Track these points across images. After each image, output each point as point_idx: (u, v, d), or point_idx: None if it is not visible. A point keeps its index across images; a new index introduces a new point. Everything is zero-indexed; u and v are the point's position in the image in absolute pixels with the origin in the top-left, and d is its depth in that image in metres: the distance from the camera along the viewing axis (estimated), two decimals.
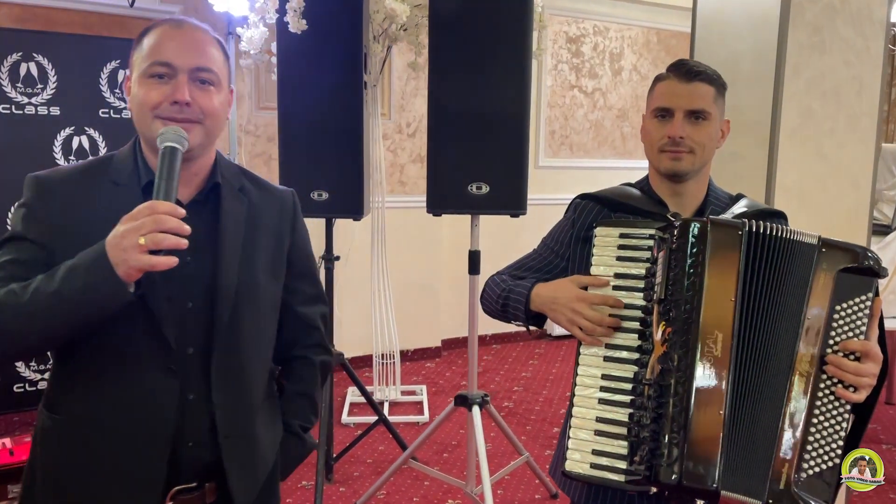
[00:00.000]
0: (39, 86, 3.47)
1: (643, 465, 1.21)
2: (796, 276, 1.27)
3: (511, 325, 1.60)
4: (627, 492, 1.30)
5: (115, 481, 1.21)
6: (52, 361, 1.29)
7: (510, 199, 2.63)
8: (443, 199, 2.66)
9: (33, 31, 3.47)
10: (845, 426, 1.25)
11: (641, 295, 1.31)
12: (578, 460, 1.28)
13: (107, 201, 1.16)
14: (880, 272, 1.27)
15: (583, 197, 1.55)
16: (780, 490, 1.21)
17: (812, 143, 2.37)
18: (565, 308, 1.36)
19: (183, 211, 1.10)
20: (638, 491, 1.25)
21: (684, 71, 1.43)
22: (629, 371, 1.29)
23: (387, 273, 4.02)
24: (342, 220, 3.30)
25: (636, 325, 1.30)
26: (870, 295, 1.26)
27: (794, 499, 1.20)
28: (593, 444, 1.28)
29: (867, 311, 1.26)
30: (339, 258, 3.28)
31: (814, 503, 1.21)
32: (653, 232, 1.32)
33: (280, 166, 2.95)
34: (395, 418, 3.89)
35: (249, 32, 2.93)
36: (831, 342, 1.26)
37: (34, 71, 3.45)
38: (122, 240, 1.07)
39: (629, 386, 1.29)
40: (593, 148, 5.57)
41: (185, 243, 1.09)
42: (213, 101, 1.24)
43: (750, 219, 1.30)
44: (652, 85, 1.50)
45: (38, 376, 3.44)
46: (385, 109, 4.62)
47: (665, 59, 5.59)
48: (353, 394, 4.15)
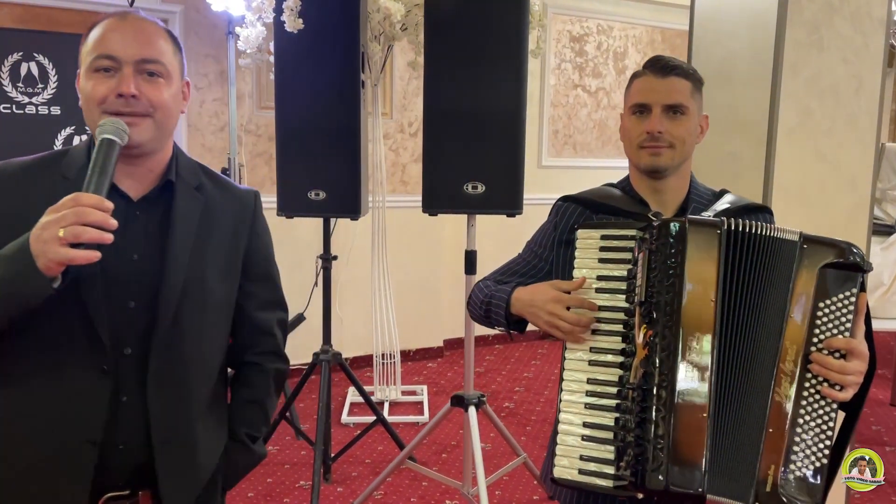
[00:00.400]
0: (40, 85, 3.48)
1: (629, 470, 1.20)
2: (778, 274, 1.25)
3: None
4: (617, 497, 1.28)
5: (41, 483, 1.18)
6: None
7: (506, 199, 2.62)
8: (438, 198, 2.65)
9: (34, 31, 3.49)
10: (832, 425, 1.23)
11: (624, 297, 1.29)
12: (567, 466, 1.26)
13: (54, 195, 1.12)
14: (864, 267, 1.24)
15: (564, 199, 1.54)
16: (767, 492, 1.19)
17: (810, 143, 2.34)
18: (542, 311, 1.34)
19: (110, 205, 1.07)
20: (626, 496, 1.23)
21: (660, 66, 1.42)
22: (614, 375, 1.28)
23: (387, 273, 4.02)
24: (344, 220, 3.29)
25: (620, 328, 1.29)
26: (854, 290, 1.24)
27: (781, 500, 1.18)
28: (581, 450, 1.26)
29: (852, 307, 1.24)
30: (336, 258, 3.27)
31: None
32: (634, 233, 1.30)
33: (277, 165, 2.95)
34: (395, 418, 3.89)
35: (246, 32, 2.93)
36: (815, 340, 1.24)
37: (35, 71, 3.46)
38: (42, 231, 1.04)
39: (615, 390, 1.27)
40: (597, 147, 5.54)
41: (110, 238, 1.06)
42: (161, 94, 1.20)
43: (733, 215, 1.29)
44: (629, 82, 1.49)
45: None
46: (387, 109, 4.62)
47: None
48: (354, 394, 4.15)
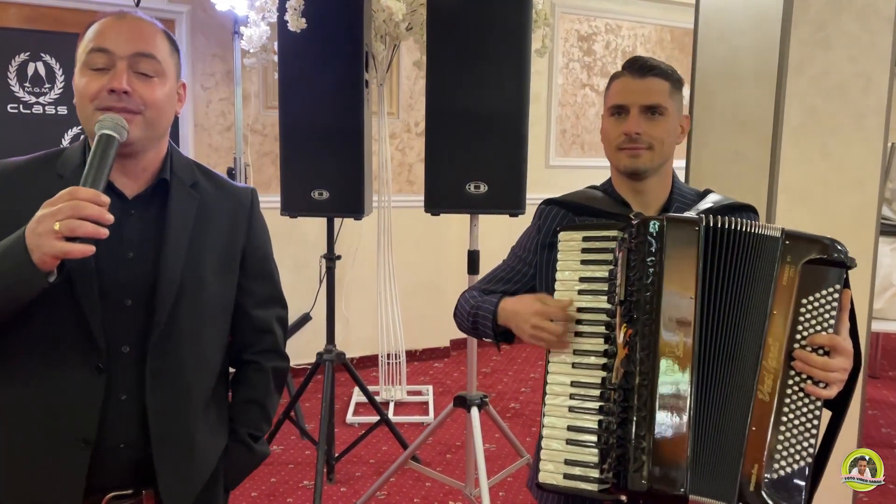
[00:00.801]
0: (47, 85, 3.50)
1: (612, 472, 1.18)
2: (760, 271, 1.24)
3: None
4: (602, 501, 1.26)
5: (35, 481, 1.18)
6: None
7: (509, 199, 2.60)
8: (441, 198, 2.63)
9: (40, 31, 3.51)
10: (817, 424, 1.21)
11: (606, 298, 1.28)
12: (552, 471, 1.24)
13: (49, 194, 1.12)
14: (848, 263, 1.23)
15: (547, 202, 1.53)
16: (751, 492, 1.17)
17: (816, 142, 2.31)
18: (525, 323, 1.34)
19: (107, 199, 1.06)
20: (610, 500, 1.21)
21: (637, 67, 1.41)
22: (597, 377, 1.26)
23: (393, 272, 4.01)
24: (351, 220, 3.29)
25: (602, 329, 1.28)
26: (838, 287, 1.22)
27: (765, 500, 1.16)
28: (565, 454, 1.24)
29: (836, 304, 1.22)
30: (340, 258, 3.27)
31: None
32: (615, 233, 1.29)
33: (281, 165, 2.94)
34: (400, 418, 3.88)
35: (249, 31, 2.93)
36: (799, 337, 1.22)
37: (42, 71, 3.48)
38: (38, 225, 1.04)
39: (597, 392, 1.25)
40: None
41: (105, 233, 1.05)
42: (154, 92, 1.20)
43: (715, 214, 1.27)
44: (608, 84, 1.49)
45: None
46: (393, 108, 4.61)
47: (679, 57, 5.53)
48: (360, 394, 4.14)
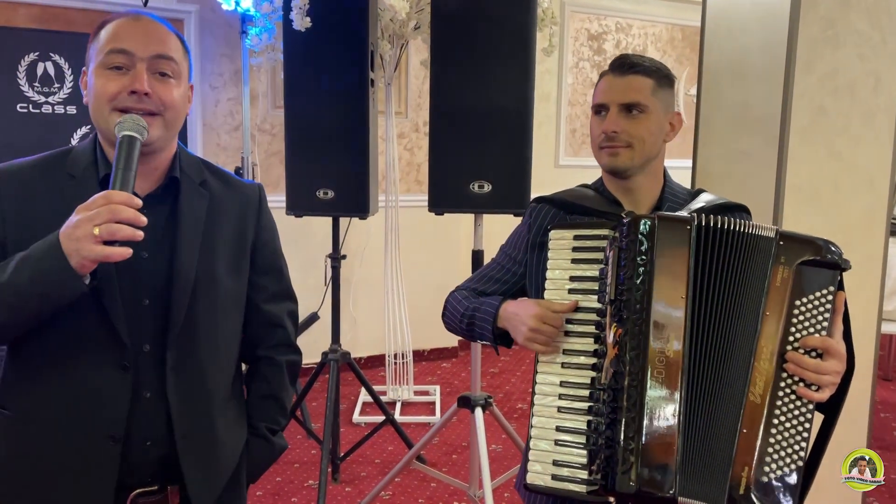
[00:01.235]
0: (56, 85, 3.52)
1: (599, 473, 1.17)
2: (753, 271, 1.22)
3: None
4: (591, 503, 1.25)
5: (65, 480, 1.19)
6: (5, 356, 1.27)
7: (513, 199, 2.59)
8: (444, 197, 2.63)
9: (49, 31, 3.53)
10: (809, 427, 1.19)
11: (596, 297, 1.27)
12: (539, 472, 1.23)
13: (62, 194, 1.14)
14: (842, 264, 1.21)
15: (538, 200, 1.52)
16: (740, 494, 1.15)
17: (824, 141, 2.28)
18: (522, 325, 1.33)
19: (139, 201, 1.08)
20: (599, 502, 1.20)
21: (618, 65, 1.40)
22: (587, 377, 1.25)
23: (400, 272, 4.00)
24: (359, 219, 3.28)
25: (592, 329, 1.26)
26: (832, 289, 1.20)
27: (754, 503, 1.15)
28: (554, 455, 1.23)
29: (829, 306, 1.20)
30: (345, 257, 3.27)
31: None
32: (606, 232, 1.27)
33: (286, 164, 2.95)
34: (407, 418, 3.88)
35: (255, 30, 2.94)
36: (791, 339, 1.20)
37: (51, 70, 3.50)
38: (75, 230, 1.05)
39: (587, 392, 1.24)
40: None
41: (141, 235, 1.07)
42: (172, 94, 1.21)
43: (707, 214, 1.25)
44: (596, 82, 1.47)
45: None
46: (401, 108, 4.60)
47: (690, 55, 5.48)
48: (367, 393, 4.14)
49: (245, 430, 1.39)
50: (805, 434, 1.19)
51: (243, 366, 1.46)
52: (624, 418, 1.16)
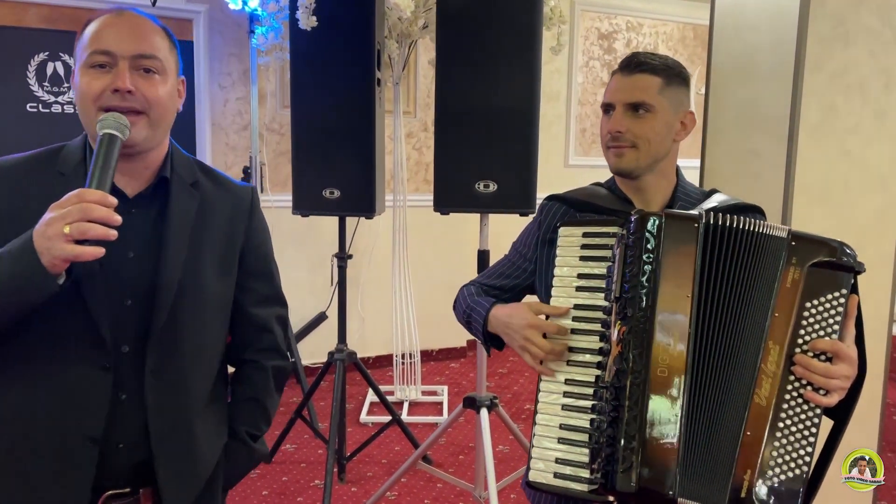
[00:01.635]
0: (66, 85, 3.54)
1: (600, 472, 1.16)
2: (762, 271, 1.20)
3: None
4: (592, 502, 1.23)
5: (42, 480, 1.18)
6: None
7: (518, 198, 2.57)
8: (450, 197, 2.61)
9: (60, 31, 3.55)
10: (815, 432, 1.16)
11: (603, 295, 1.25)
12: (542, 470, 1.22)
13: (50, 191, 1.12)
14: (857, 267, 1.18)
15: (550, 198, 1.51)
16: (742, 498, 1.14)
17: (834, 141, 2.25)
18: (517, 334, 1.32)
19: (114, 200, 1.06)
20: (600, 501, 1.19)
21: (625, 64, 1.39)
22: (591, 375, 1.23)
23: (408, 272, 3.99)
24: (367, 219, 3.28)
25: (598, 327, 1.25)
26: (844, 292, 1.18)
27: None
28: (556, 453, 1.22)
29: (840, 309, 1.18)
30: (351, 257, 3.26)
31: None
32: (615, 230, 1.26)
33: (293, 164, 2.94)
34: (414, 419, 3.87)
35: (261, 30, 2.94)
36: (800, 341, 1.18)
37: (60, 70, 3.52)
38: (47, 228, 1.04)
39: (591, 390, 1.23)
40: None
41: (114, 234, 1.05)
42: (157, 90, 1.19)
43: (719, 213, 1.23)
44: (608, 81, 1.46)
45: None
46: (410, 107, 4.60)
47: (702, 54, 5.44)
48: (374, 393, 4.14)
49: (225, 435, 1.36)
50: (811, 439, 1.16)
51: (230, 370, 1.44)
52: (625, 417, 1.15)
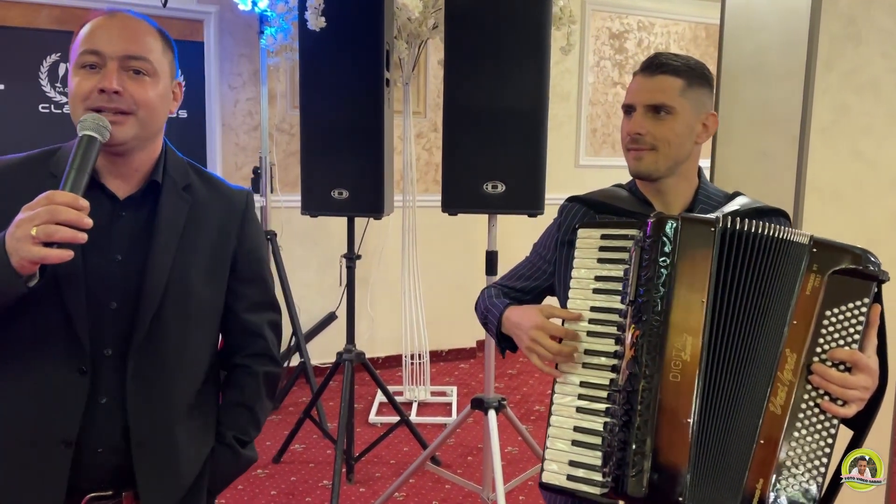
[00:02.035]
0: None
1: (611, 476, 1.15)
2: (781, 277, 1.18)
3: None
4: None
5: (15, 481, 1.17)
6: None
7: (527, 199, 2.56)
8: (458, 198, 2.61)
9: (71, 32, 3.55)
10: (831, 443, 1.14)
11: (619, 298, 1.24)
12: (555, 471, 1.22)
13: (40, 192, 1.11)
14: (881, 276, 1.16)
15: (570, 199, 1.51)
16: None
17: (846, 141, 2.22)
18: (525, 335, 1.32)
19: (85, 203, 1.05)
20: None
21: (647, 65, 1.37)
22: (606, 378, 1.23)
23: (417, 272, 3.99)
24: (376, 220, 3.27)
25: (614, 330, 1.24)
26: (866, 301, 1.15)
27: None
28: (570, 455, 1.22)
29: (862, 319, 1.15)
30: (360, 257, 3.26)
31: None
32: (634, 232, 1.25)
33: (301, 164, 2.95)
34: (423, 419, 3.86)
35: (270, 30, 2.94)
36: (818, 350, 1.15)
37: None
38: (16, 229, 1.04)
39: (605, 393, 1.22)
40: None
41: (84, 237, 1.04)
42: (146, 92, 1.19)
43: (741, 217, 1.21)
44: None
45: None
46: (420, 108, 4.59)
47: (714, 54, 5.40)
48: (383, 393, 4.14)
49: (211, 440, 1.35)
50: (827, 450, 1.14)
51: (223, 375, 1.43)
52: (637, 421, 1.14)
